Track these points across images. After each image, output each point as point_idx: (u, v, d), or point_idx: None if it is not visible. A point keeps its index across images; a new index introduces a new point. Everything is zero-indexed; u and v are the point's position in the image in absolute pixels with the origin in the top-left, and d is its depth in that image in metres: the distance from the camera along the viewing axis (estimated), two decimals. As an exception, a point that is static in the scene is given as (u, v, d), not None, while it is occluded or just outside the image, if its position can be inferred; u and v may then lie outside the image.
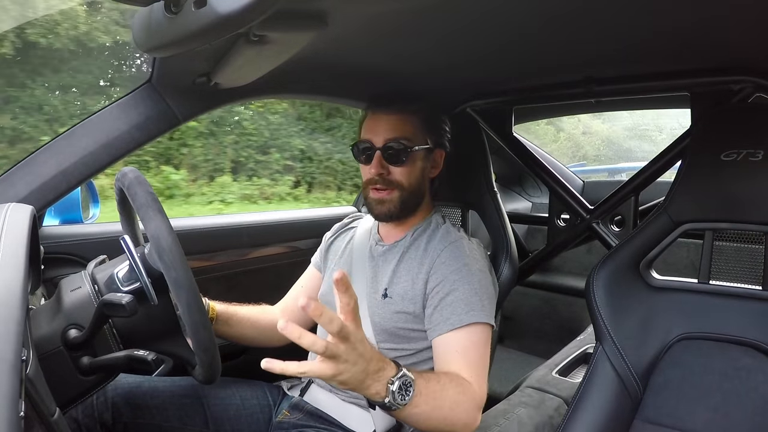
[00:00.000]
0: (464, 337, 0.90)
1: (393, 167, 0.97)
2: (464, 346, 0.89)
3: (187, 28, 0.55)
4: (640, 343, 0.86)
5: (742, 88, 0.99)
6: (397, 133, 0.97)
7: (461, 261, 0.95)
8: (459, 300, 0.91)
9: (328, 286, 1.11)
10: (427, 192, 1.06)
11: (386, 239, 1.07)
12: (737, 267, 0.86)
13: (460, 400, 0.81)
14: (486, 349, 0.91)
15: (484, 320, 0.91)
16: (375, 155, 0.97)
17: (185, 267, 0.66)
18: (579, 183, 2.26)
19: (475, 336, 0.90)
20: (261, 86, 1.00)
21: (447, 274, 0.93)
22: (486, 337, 0.91)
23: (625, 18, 0.75)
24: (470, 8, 0.71)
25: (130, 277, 0.75)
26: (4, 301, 0.49)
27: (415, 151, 0.98)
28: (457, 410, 0.81)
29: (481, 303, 0.92)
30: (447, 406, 0.79)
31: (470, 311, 0.90)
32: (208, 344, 0.69)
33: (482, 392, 0.86)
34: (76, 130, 0.93)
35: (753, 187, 0.79)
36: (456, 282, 0.93)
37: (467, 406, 0.82)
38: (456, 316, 0.90)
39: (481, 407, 0.86)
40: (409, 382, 0.74)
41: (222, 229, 1.41)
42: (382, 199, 0.98)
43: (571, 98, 1.23)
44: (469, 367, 0.87)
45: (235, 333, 1.08)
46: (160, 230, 0.66)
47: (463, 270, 0.94)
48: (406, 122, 0.99)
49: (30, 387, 0.50)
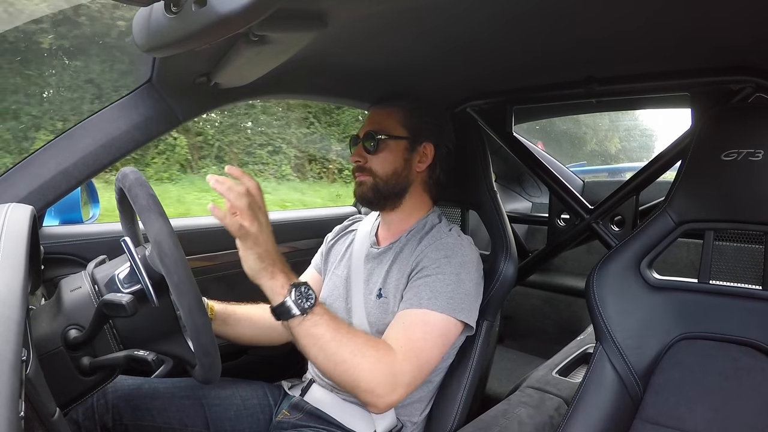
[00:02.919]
0: (417, 316, 0.89)
1: (369, 155, 1.03)
2: (413, 322, 0.89)
3: (187, 28, 0.55)
4: (640, 343, 0.86)
5: (742, 88, 0.99)
6: (375, 126, 1.04)
7: (442, 252, 0.96)
8: (426, 285, 0.92)
9: (329, 290, 1.12)
10: (418, 187, 1.06)
11: (382, 242, 1.09)
12: (737, 267, 0.86)
13: (367, 354, 0.81)
14: (438, 339, 0.89)
15: (446, 312, 0.90)
16: (357, 145, 1.05)
17: (187, 271, 0.66)
18: (579, 183, 2.26)
19: (430, 321, 0.89)
20: (261, 86, 1.00)
21: (426, 264, 0.95)
22: (443, 329, 0.90)
23: (625, 18, 0.75)
24: (470, 8, 0.71)
25: (131, 279, 0.75)
26: (4, 301, 0.49)
27: (386, 140, 1.02)
28: (361, 362, 0.80)
29: (450, 295, 0.91)
30: (349, 350, 0.80)
31: (433, 298, 0.90)
32: (209, 347, 0.69)
33: (403, 368, 0.83)
34: (76, 130, 0.93)
35: (753, 187, 0.79)
36: (430, 269, 0.94)
37: (375, 366, 0.81)
38: (417, 298, 0.91)
39: (398, 384, 0.82)
40: (310, 294, 0.81)
41: (222, 229, 1.41)
42: (360, 182, 1.05)
43: (572, 98, 1.23)
44: (406, 341, 0.86)
45: (233, 332, 1.08)
46: (162, 234, 0.66)
47: (441, 260, 0.95)
48: (388, 116, 1.04)
49: (30, 387, 0.50)
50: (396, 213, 1.07)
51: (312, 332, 0.81)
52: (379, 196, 1.04)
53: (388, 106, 1.06)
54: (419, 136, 1.04)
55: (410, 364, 0.85)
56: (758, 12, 0.70)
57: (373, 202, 1.05)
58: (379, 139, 1.02)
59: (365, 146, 1.03)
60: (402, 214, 1.07)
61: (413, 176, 1.05)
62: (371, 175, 1.03)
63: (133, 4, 0.58)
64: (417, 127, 1.04)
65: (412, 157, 1.04)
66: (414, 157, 1.04)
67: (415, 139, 1.04)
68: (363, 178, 1.04)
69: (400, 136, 1.03)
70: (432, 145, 1.05)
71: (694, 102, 1.07)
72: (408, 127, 1.03)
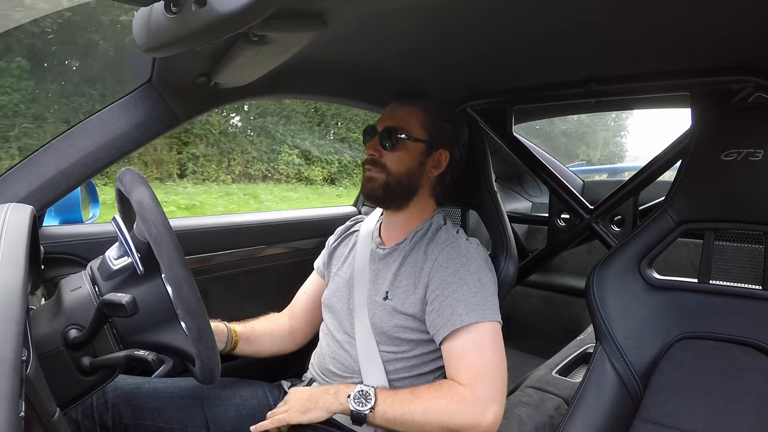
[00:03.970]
0: (465, 338, 0.90)
1: (385, 152, 1.02)
2: (464, 348, 0.90)
3: (187, 28, 0.55)
4: (640, 342, 0.86)
5: (742, 88, 0.99)
6: (395, 123, 1.02)
7: (458, 261, 0.95)
8: (459, 301, 0.92)
9: (332, 291, 1.12)
10: (425, 190, 1.06)
11: (387, 242, 1.08)
12: (737, 267, 0.86)
13: (436, 405, 0.87)
14: (492, 344, 0.91)
15: (486, 319, 0.91)
16: (374, 138, 1.03)
17: (166, 224, 0.67)
18: (579, 183, 2.26)
19: (477, 335, 0.90)
20: (261, 86, 1.00)
21: (446, 277, 0.94)
22: (491, 334, 0.91)
23: (625, 18, 0.75)
24: (470, 8, 0.71)
25: (120, 254, 0.75)
26: (4, 301, 0.49)
27: (405, 140, 1.01)
28: (437, 416, 0.86)
29: (481, 302, 0.92)
30: (421, 411, 0.87)
31: (470, 311, 0.90)
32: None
33: (479, 390, 0.86)
34: (76, 130, 0.93)
35: (753, 187, 0.79)
36: (455, 284, 0.93)
37: (451, 408, 0.86)
38: (457, 317, 0.91)
39: (482, 404, 0.86)
40: (366, 393, 0.90)
41: (222, 229, 1.41)
42: (370, 177, 1.03)
43: (571, 98, 1.23)
44: (466, 369, 0.89)
45: (255, 349, 1.11)
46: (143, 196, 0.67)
47: (461, 271, 0.94)
48: (410, 115, 1.03)
49: (30, 387, 0.50)
50: (401, 214, 1.06)
51: (388, 418, 0.89)
52: (388, 195, 1.03)
53: (411, 104, 1.04)
54: (437, 142, 1.04)
55: (478, 385, 0.87)
56: (758, 12, 0.70)
57: (381, 199, 1.04)
58: (399, 137, 1.01)
59: (382, 141, 1.02)
60: (407, 215, 1.06)
61: (424, 180, 1.05)
62: (384, 171, 1.01)
63: (133, 4, 0.58)
64: (436, 133, 1.04)
65: (427, 161, 1.04)
66: (429, 161, 1.04)
67: (433, 144, 1.03)
68: (375, 174, 1.02)
69: (420, 139, 1.02)
70: (448, 153, 1.05)
71: (694, 102, 1.07)
72: (428, 131, 1.03)
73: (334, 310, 1.08)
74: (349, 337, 1.03)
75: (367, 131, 1.06)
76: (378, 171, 1.02)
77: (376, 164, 1.02)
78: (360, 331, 1.01)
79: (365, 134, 1.07)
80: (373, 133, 1.04)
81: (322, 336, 1.11)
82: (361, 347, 1.00)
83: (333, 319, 1.08)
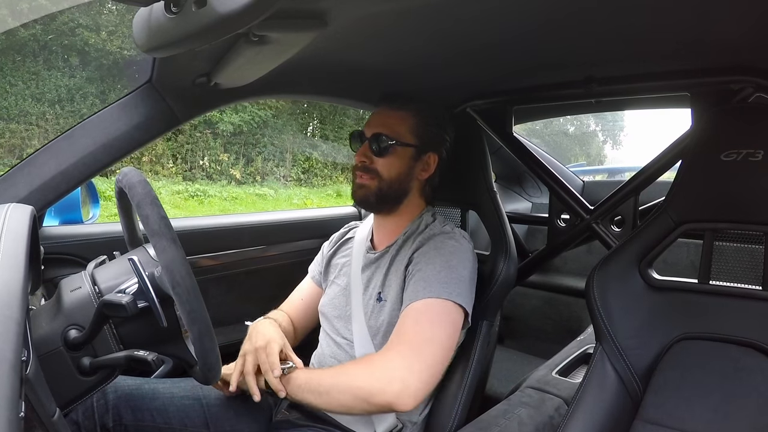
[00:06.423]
0: (411, 311, 0.90)
1: (376, 157, 1.02)
2: (404, 319, 0.91)
3: (187, 28, 0.55)
4: (640, 343, 0.86)
5: (742, 88, 0.99)
6: (386, 128, 1.02)
7: (432, 245, 0.97)
8: (421, 279, 0.93)
9: (329, 299, 1.12)
10: (415, 192, 1.07)
11: (378, 246, 1.10)
12: (737, 267, 0.85)
13: (346, 369, 0.90)
14: (433, 319, 0.90)
15: (441, 296, 0.90)
16: (363, 144, 1.03)
17: (198, 299, 0.65)
18: (579, 183, 2.25)
19: (423, 308, 0.90)
20: (261, 86, 1.00)
21: (419, 259, 0.96)
22: (437, 310, 0.90)
23: (625, 18, 0.75)
24: (470, 8, 0.71)
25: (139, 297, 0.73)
26: (4, 301, 0.49)
27: (396, 146, 1.01)
28: (342, 377, 0.87)
29: (443, 280, 0.92)
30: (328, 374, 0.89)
31: (427, 287, 0.91)
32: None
33: (394, 357, 0.86)
34: (76, 131, 0.93)
35: (753, 187, 0.79)
36: (422, 263, 0.95)
37: (357, 371, 0.87)
38: (413, 293, 0.92)
39: (390, 371, 0.84)
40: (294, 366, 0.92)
41: (223, 229, 1.41)
42: (362, 185, 1.03)
43: (572, 98, 1.23)
44: (393, 337, 0.90)
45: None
46: (175, 262, 0.64)
47: (431, 252, 0.96)
48: (400, 120, 1.03)
49: (30, 387, 0.50)
50: (392, 217, 1.07)
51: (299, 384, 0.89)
52: (381, 200, 1.04)
53: (399, 109, 1.04)
54: (426, 146, 1.04)
55: (397, 353, 0.86)
56: (758, 12, 0.70)
57: (374, 205, 1.05)
58: (390, 143, 1.01)
59: (372, 147, 1.02)
60: (398, 218, 1.07)
61: (414, 183, 1.06)
62: (377, 177, 1.02)
63: (133, 4, 0.58)
64: (426, 137, 1.04)
65: (416, 165, 1.05)
66: (417, 165, 1.05)
67: (422, 148, 1.04)
68: (366, 180, 1.02)
69: (410, 144, 1.03)
70: (436, 156, 1.06)
71: (694, 102, 1.07)
72: (417, 136, 1.03)
73: (332, 317, 1.09)
74: (347, 340, 1.04)
75: (355, 136, 1.06)
76: (370, 178, 1.02)
77: (368, 170, 1.02)
78: (358, 335, 1.02)
79: (352, 139, 1.07)
80: (362, 139, 1.04)
81: (322, 337, 1.12)
82: (359, 350, 1.01)
83: (330, 326, 1.09)
